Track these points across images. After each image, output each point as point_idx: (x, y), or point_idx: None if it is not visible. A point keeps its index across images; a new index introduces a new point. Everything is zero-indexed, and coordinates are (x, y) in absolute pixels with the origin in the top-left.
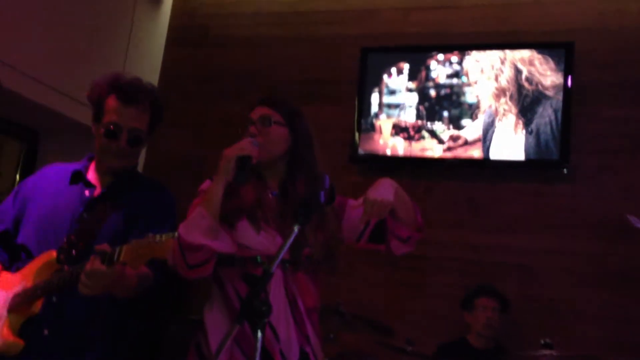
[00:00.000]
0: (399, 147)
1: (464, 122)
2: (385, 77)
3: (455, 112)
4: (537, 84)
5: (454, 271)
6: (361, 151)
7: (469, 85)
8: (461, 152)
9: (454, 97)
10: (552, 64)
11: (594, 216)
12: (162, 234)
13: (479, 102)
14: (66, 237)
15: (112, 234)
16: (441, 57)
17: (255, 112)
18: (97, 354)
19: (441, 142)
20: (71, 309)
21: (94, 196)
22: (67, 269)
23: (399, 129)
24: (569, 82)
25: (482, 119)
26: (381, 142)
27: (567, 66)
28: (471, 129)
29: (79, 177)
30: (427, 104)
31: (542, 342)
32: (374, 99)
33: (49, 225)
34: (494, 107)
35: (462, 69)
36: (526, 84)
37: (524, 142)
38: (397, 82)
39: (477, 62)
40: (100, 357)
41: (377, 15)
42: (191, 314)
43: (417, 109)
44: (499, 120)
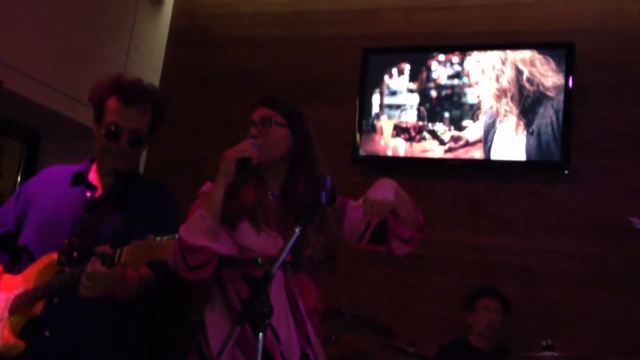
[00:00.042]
0: (400, 148)
1: (465, 123)
2: (386, 77)
3: (456, 113)
4: (538, 85)
5: (455, 272)
6: (362, 152)
7: (470, 86)
8: (462, 153)
9: (455, 98)
10: (553, 65)
11: (595, 217)
12: (163, 236)
13: (480, 102)
14: (67, 239)
15: (113, 235)
16: (442, 57)
17: (256, 113)
18: (98, 355)
19: (442, 143)
20: (72, 311)
21: (95, 197)
22: (68, 270)
23: (400, 130)
24: (570, 83)
25: (483, 119)
26: (382, 143)
27: (568, 67)
28: (472, 130)
29: (80, 178)
30: (428, 105)
31: (544, 344)
32: (375, 99)
33: (51, 227)
34: (495, 108)
35: (463, 69)
36: (527, 85)
37: (525, 142)
38: (398, 82)
39: (478, 62)
40: (101, 358)
41: (378, 15)
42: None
43: (418, 110)
44: (500, 121)
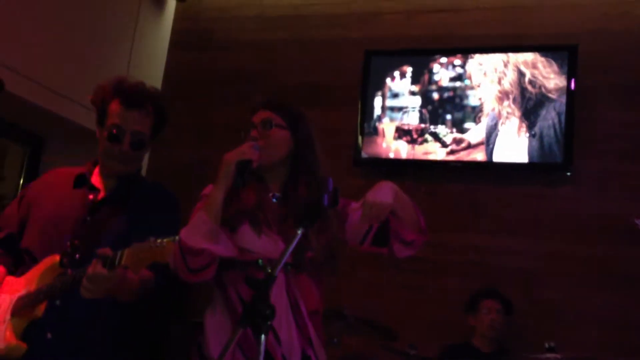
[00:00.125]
0: (402, 150)
1: (467, 125)
2: (388, 80)
3: (458, 115)
4: (540, 87)
5: (457, 274)
6: (364, 154)
7: (472, 88)
8: (464, 155)
9: (457, 100)
10: (555, 67)
11: (597, 219)
12: (163, 238)
13: (482, 105)
14: (69, 241)
15: (115, 237)
16: (444, 60)
17: (257, 115)
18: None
19: (444, 145)
20: (74, 312)
21: (98, 200)
22: (70, 272)
23: (402, 132)
24: (572, 85)
25: (485, 122)
26: (384, 145)
27: (570, 69)
28: (474, 132)
29: (83, 180)
30: (430, 107)
31: (547, 345)
32: (377, 102)
33: (53, 229)
34: (497, 110)
35: (465, 71)
36: (529, 87)
37: (527, 145)
38: (400, 85)
39: (480, 65)
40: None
41: (380, 18)
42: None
43: (420, 112)
44: (502, 123)
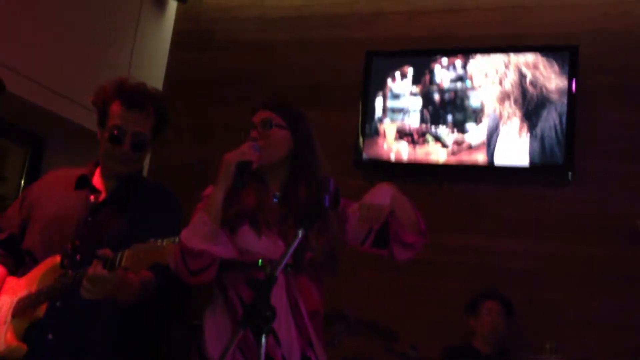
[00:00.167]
0: (403, 151)
1: (468, 126)
2: (389, 81)
3: (459, 116)
4: (541, 88)
5: (458, 275)
6: (365, 156)
7: (473, 89)
8: (465, 157)
9: (458, 101)
10: (556, 68)
11: (598, 220)
12: (164, 239)
13: (483, 106)
14: (70, 242)
15: (116, 238)
16: (445, 61)
17: (257, 115)
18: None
19: (445, 146)
20: (74, 314)
21: (99, 201)
22: (71, 273)
23: (403, 134)
24: (573, 86)
25: (486, 123)
26: (385, 146)
27: (571, 70)
28: (475, 133)
29: (84, 182)
30: (431, 108)
31: (547, 347)
32: (378, 103)
33: (54, 230)
34: (498, 111)
35: (466, 73)
36: (530, 88)
37: (528, 146)
38: (401, 86)
39: (482, 66)
40: None
41: (381, 19)
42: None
43: (421, 113)
44: (503, 124)
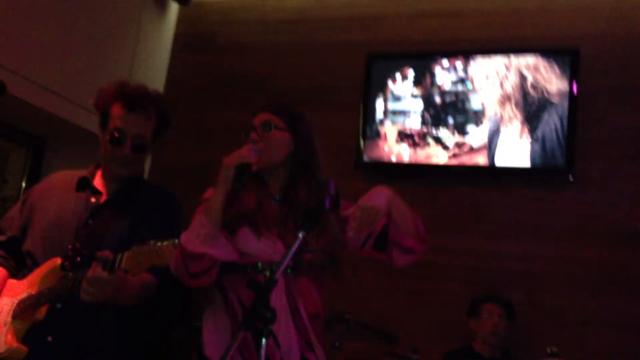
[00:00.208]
0: (404, 153)
1: (469, 128)
2: (390, 83)
3: (460, 118)
4: (542, 91)
5: (459, 278)
6: (366, 158)
7: (474, 91)
8: (466, 159)
9: (459, 104)
10: (557, 71)
11: (599, 223)
12: (163, 241)
13: (484, 108)
14: (71, 244)
15: (117, 240)
16: (446, 63)
17: (257, 118)
18: None
19: (446, 148)
20: (74, 316)
21: (100, 203)
22: (71, 276)
23: (404, 136)
24: (574, 89)
25: (487, 125)
26: (386, 148)
27: (572, 73)
28: (476, 136)
29: (85, 183)
30: (432, 111)
31: (549, 350)
32: (379, 105)
33: (55, 232)
34: (499, 114)
35: (467, 75)
36: (531, 91)
37: (529, 148)
38: (402, 88)
39: (482, 68)
40: None
41: (382, 21)
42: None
43: (422, 116)
44: (504, 126)
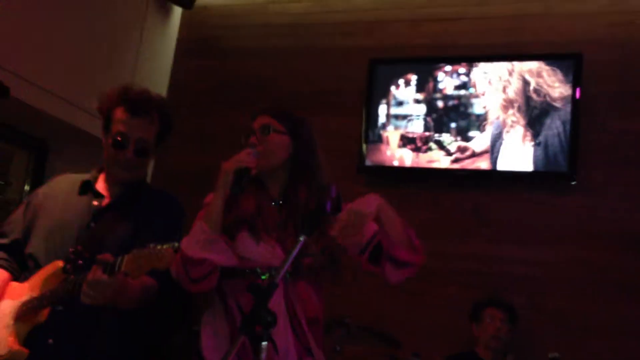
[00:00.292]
0: (406, 158)
1: (472, 133)
2: (392, 88)
3: (462, 123)
4: (545, 96)
5: (460, 282)
6: (368, 162)
7: (477, 96)
8: (469, 164)
9: (462, 109)
10: (560, 76)
11: (602, 227)
12: (163, 244)
13: (486, 113)
14: (73, 247)
15: (119, 244)
16: (449, 68)
17: (256, 121)
18: None
19: (449, 153)
20: (75, 319)
21: (102, 206)
22: (73, 278)
23: (406, 140)
24: (577, 94)
25: (490, 130)
26: (388, 153)
27: (575, 78)
28: (479, 141)
29: (88, 187)
30: (434, 115)
31: (550, 356)
32: (382, 110)
33: (58, 235)
34: (501, 119)
35: (469, 80)
36: (534, 96)
37: (532, 153)
38: (405, 93)
39: (485, 73)
40: None
41: (385, 26)
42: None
43: (425, 120)
44: (507, 131)
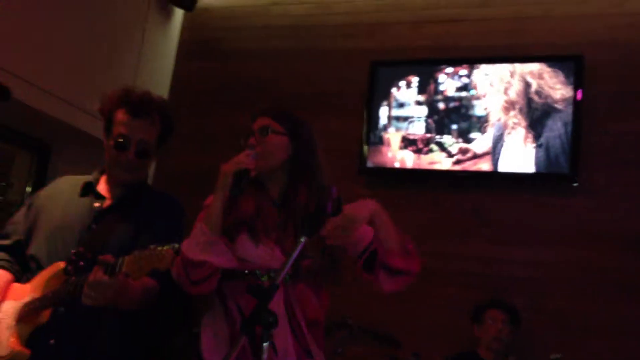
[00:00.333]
0: (407, 160)
1: (473, 135)
2: (394, 90)
3: (464, 125)
4: (546, 97)
5: (462, 283)
6: (370, 164)
7: (478, 98)
8: (470, 165)
9: (463, 110)
10: (561, 77)
11: (603, 229)
12: (164, 245)
13: (488, 115)
14: (74, 249)
15: (120, 245)
16: (450, 70)
17: (256, 123)
18: None
19: (450, 155)
20: (77, 320)
21: (104, 208)
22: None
23: (407, 142)
24: (578, 96)
25: (491, 132)
26: (390, 154)
27: (576, 79)
28: (480, 142)
29: (89, 188)
30: (436, 117)
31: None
32: (383, 112)
33: (59, 236)
34: (503, 120)
35: (471, 82)
36: (535, 97)
37: (533, 155)
38: (406, 95)
39: (486, 75)
40: None
41: (386, 29)
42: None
43: (426, 122)
44: (508, 133)
